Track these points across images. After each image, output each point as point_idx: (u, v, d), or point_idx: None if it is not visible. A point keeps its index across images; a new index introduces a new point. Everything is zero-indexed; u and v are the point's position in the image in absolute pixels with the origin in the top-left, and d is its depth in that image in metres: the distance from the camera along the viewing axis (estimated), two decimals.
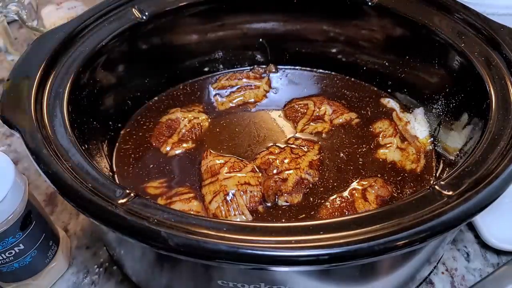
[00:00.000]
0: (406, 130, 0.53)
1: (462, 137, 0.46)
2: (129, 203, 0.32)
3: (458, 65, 0.47)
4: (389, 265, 0.37)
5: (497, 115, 0.39)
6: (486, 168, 0.34)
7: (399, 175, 0.48)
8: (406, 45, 0.53)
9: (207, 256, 0.29)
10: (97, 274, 0.47)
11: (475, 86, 0.44)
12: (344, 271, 0.35)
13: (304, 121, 0.54)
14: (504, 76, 0.42)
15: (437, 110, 0.52)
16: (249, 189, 0.45)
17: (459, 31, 0.48)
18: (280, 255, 0.29)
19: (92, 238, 0.51)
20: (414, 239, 0.30)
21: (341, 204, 0.44)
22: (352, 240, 0.29)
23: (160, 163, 0.49)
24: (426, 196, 0.33)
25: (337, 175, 0.48)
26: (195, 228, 0.30)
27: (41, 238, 0.42)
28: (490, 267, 0.48)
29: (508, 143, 0.36)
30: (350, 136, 0.53)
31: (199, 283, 0.37)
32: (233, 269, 0.33)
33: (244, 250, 0.28)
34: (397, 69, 0.55)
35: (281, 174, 0.46)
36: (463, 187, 0.33)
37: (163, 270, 0.39)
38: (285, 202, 0.45)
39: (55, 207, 0.54)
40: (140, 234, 0.30)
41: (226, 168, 0.47)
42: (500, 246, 0.47)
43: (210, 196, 0.44)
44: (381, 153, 0.50)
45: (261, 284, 0.34)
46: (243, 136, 0.53)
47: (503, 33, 0.45)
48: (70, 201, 0.33)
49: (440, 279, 0.47)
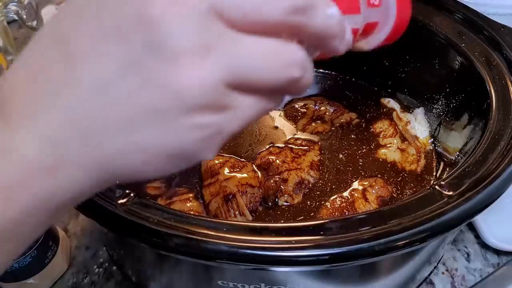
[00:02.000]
0: (406, 130, 0.53)
1: (462, 137, 0.46)
2: (129, 203, 0.32)
3: (458, 65, 0.47)
4: (389, 265, 0.37)
5: (497, 115, 0.39)
6: (486, 168, 0.34)
7: (399, 175, 0.48)
8: (406, 45, 0.53)
9: (207, 256, 0.29)
10: (97, 274, 0.47)
11: (475, 86, 0.44)
12: (344, 271, 0.35)
13: (305, 121, 0.54)
14: (504, 76, 0.42)
15: (438, 110, 0.52)
16: (249, 189, 0.45)
17: (459, 31, 0.48)
18: (280, 255, 0.29)
19: (92, 238, 0.50)
20: (414, 239, 0.30)
21: (341, 204, 0.44)
22: (352, 240, 0.29)
23: None
24: (426, 196, 0.33)
25: (337, 175, 0.48)
26: (195, 228, 0.30)
27: (41, 238, 0.42)
28: (490, 267, 0.48)
29: (508, 143, 0.36)
30: (350, 136, 0.53)
31: (199, 283, 0.37)
32: (233, 269, 0.33)
33: (244, 250, 0.28)
34: (398, 69, 0.55)
35: (281, 174, 0.46)
36: (463, 187, 0.33)
37: (163, 270, 0.39)
38: (285, 202, 0.45)
39: None
40: (140, 234, 0.30)
41: (226, 168, 0.47)
42: (500, 246, 0.47)
43: (210, 197, 0.44)
44: (382, 153, 0.50)
45: (261, 284, 0.34)
46: (243, 136, 0.52)
47: (503, 33, 0.45)
48: None
49: (440, 279, 0.47)
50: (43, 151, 0.19)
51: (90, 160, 0.20)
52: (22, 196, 0.19)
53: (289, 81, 0.21)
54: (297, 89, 0.22)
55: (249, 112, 0.21)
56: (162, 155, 0.20)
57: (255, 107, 0.21)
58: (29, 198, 0.19)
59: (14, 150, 0.19)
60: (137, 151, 0.20)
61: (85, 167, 0.20)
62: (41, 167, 0.19)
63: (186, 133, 0.20)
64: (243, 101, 0.21)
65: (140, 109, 0.19)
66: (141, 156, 0.20)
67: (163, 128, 0.19)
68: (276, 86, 0.21)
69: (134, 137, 0.20)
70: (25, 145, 0.19)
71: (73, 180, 0.20)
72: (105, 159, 0.20)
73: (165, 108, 0.19)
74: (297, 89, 0.22)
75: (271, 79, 0.20)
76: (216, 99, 0.20)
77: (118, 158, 0.20)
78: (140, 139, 0.20)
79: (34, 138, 0.19)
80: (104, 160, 0.20)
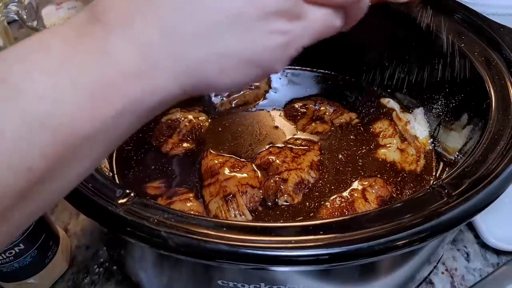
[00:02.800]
0: (406, 130, 0.53)
1: (462, 137, 0.46)
2: (129, 203, 0.32)
3: (458, 65, 0.47)
4: (389, 265, 0.37)
5: (497, 115, 0.39)
6: (486, 168, 0.34)
7: (399, 175, 0.48)
8: (406, 45, 0.53)
9: (207, 256, 0.29)
10: (97, 274, 0.47)
11: (475, 86, 0.44)
12: (344, 271, 0.35)
13: (304, 121, 0.54)
14: (504, 76, 0.42)
15: (437, 110, 0.52)
16: (249, 189, 0.45)
17: (459, 31, 0.48)
18: (280, 255, 0.29)
19: (92, 238, 0.50)
20: (414, 239, 0.30)
21: (341, 204, 0.44)
22: (352, 240, 0.29)
23: (160, 163, 0.49)
24: (426, 196, 0.33)
25: (337, 175, 0.48)
26: (195, 228, 0.30)
27: (41, 238, 0.42)
28: (490, 267, 0.48)
29: (508, 143, 0.36)
30: (350, 136, 0.53)
31: (199, 283, 0.37)
32: (233, 269, 0.33)
33: (244, 250, 0.28)
34: (397, 69, 0.55)
35: (281, 174, 0.46)
36: (463, 187, 0.33)
37: (163, 270, 0.39)
38: (285, 202, 0.45)
39: (55, 207, 0.54)
40: (140, 234, 0.30)
41: (226, 168, 0.47)
42: (500, 246, 0.47)
43: (210, 197, 0.44)
44: (381, 153, 0.50)
45: (261, 284, 0.34)
46: (243, 136, 0.53)
47: (503, 33, 0.45)
48: (70, 201, 0.33)
49: (440, 279, 0.47)
50: (136, 56, 0.21)
51: (175, 67, 0.22)
52: (116, 98, 0.21)
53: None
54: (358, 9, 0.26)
55: (319, 25, 0.24)
56: (240, 61, 0.23)
57: (324, 21, 0.24)
58: (122, 99, 0.21)
59: (112, 53, 0.21)
60: (219, 55, 0.22)
61: (172, 73, 0.22)
62: (133, 71, 0.21)
63: (264, 38, 0.22)
64: (314, 13, 0.24)
65: (224, 15, 0.21)
66: (221, 62, 0.22)
67: (244, 32, 0.22)
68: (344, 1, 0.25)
69: (216, 43, 0.22)
70: (121, 50, 0.21)
71: (161, 86, 0.22)
72: (190, 65, 0.22)
73: (247, 12, 0.21)
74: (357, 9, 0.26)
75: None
76: (292, 7, 0.22)
77: (200, 65, 0.22)
78: (221, 45, 0.22)
79: (129, 44, 0.21)
80: (187, 67, 0.22)
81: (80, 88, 0.20)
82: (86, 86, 0.20)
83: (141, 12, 0.21)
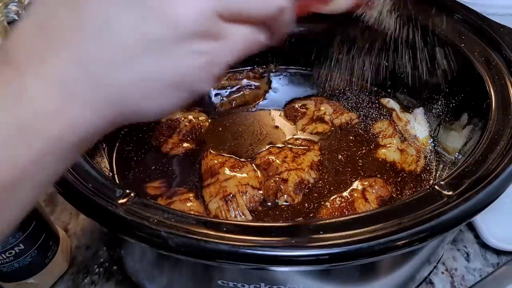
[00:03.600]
0: (406, 130, 0.53)
1: (462, 137, 0.46)
2: (129, 203, 0.32)
3: (458, 65, 0.47)
4: (389, 265, 0.37)
5: (497, 115, 0.39)
6: (486, 168, 0.34)
7: (399, 175, 0.48)
8: (406, 45, 0.53)
9: (207, 256, 0.29)
10: (97, 274, 0.47)
11: (475, 86, 0.44)
12: (344, 271, 0.35)
13: (305, 121, 0.54)
14: (504, 76, 0.42)
15: (437, 110, 0.52)
16: (249, 189, 0.45)
17: (459, 31, 0.48)
18: (280, 255, 0.29)
19: (92, 238, 0.51)
20: (414, 239, 0.30)
21: (341, 204, 0.44)
22: (352, 240, 0.29)
23: (160, 163, 0.49)
24: (426, 196, 0.33)
25: (337, 175, 0.48)
26: (195, 228, 0.30)
27: (41, 238, 0.42)
28: (490, 267, 0.48)
29: (508, 143, 0.36)
30: (350, 136, 0.53)
31: (199, 283, 0.37)
32: (233, 269, 0.33)
33: (244, 250, 0.28)
34: (397, 69, 0.55)
35: (281, 174, 0.46)
36: (463, 187, 0.33)
37: (163, 270, 0.39)
38: (285, 202, 0.45)
39: (55, 207, 0.54)
40: (140, 234, 0.30)
41: (226, 168, 0.47)
42: (500, 246, 0.47)
43: (210, 197, 0.44)
44: (381, 153, 0.50)
45: (261, 284, 0.34)
46: (243, 136, 0.53)
47: (502, 33, 0.45)
48: (70, 201, 0.33)
49: (440, 279, 0.47)
50: (53, 93, 0.20)
51: (96, 97, 0.21)
52: (35, 138, 0.20)
53: (276, 12, 0.24)
54: (282, 23, 0.25)
55: (241, 42, 0.24)
56: (162, 85, 0.22)
57: (245, 38, 0.24)
58: (42, 139, 0.20)
59: (24, 93, 0.20)
60: (140, 80, 0.21)
61: (92, 105, 0.21)
62: (50, 109, 0.20)
63: (183, 59, 0.22)
64: (234, 31, 0.23)
65: (141, 39, 0.21)
66: (143, 87, 0.22)
67: (163, 55, 0.21)
68: (264, 17, 0.24)
69: (136, 68, 0.21)
70: (36, 89, 0.20)
71: (79, 120, 0.21)
72: (109, 94, 0.21)
73: (164, 36, 0.21)
74: (281, 23, 0.25)
75: (260, 9, 0.23)
76: (209, 27, 0.22)
77: (122, 92, 0.21)
78: (142, 69, 0.21)
79: (44, 82, 0.20)
80: (109, 95, 0.21)
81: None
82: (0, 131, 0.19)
83: (54, 46, 0.20)
